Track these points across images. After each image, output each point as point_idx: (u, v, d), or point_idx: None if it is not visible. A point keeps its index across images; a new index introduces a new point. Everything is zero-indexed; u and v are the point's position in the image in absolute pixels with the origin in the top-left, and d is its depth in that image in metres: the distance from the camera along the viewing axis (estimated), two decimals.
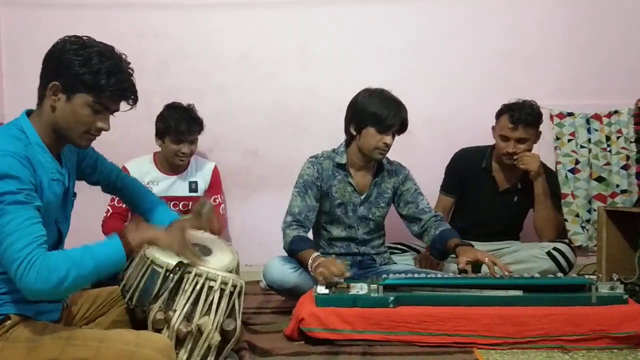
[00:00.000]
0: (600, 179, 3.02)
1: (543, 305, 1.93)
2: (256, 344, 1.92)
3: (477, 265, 2.57)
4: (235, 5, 3.10)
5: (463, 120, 3.05)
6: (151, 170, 2.72)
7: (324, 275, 2.01)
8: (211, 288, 1.57)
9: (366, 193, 2.43)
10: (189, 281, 1.57)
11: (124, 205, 2.58)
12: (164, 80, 3.00)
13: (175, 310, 1.53)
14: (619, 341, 1.86)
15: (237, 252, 1.83)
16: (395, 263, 2.56)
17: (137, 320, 1.66)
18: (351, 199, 2.41)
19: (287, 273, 2.23)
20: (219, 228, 2.73)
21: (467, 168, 2.77)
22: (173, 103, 2.71)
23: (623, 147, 2.98)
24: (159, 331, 1.53)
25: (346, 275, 2.03)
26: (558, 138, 3.05)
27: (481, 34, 3.08)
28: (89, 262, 1.34)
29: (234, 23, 3.11)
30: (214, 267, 1.62)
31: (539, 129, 2.63)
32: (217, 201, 2.82)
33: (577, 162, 3.02)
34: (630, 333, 1.85)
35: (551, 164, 2.91)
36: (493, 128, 2.70)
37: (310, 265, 2.14)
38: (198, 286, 1.56)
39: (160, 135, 2.68)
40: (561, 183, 2.97)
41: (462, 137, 2.90)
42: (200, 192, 2.78)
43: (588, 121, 3.05)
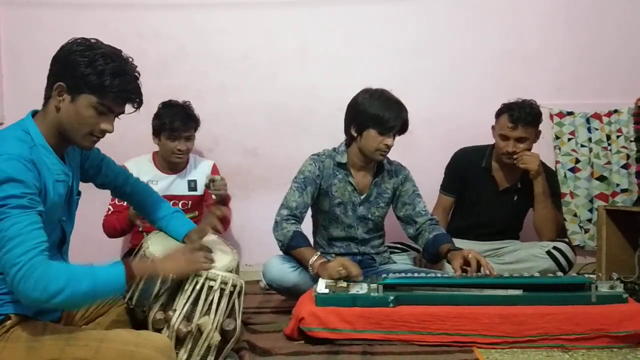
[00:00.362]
0: (601, 178, 3.01)
1: (543, 304, 1.93)
2: (256, 344, 1.92)
3: (477, 264, 2.58)
4: (235, 5, 3.10)
5: (463, 119, 3.05)
6: (150, 169, 2.71)
7: (341, 274, 2.03)
8: (211, 288, 1.57)
9: (366, 193, 2.43)
10: (189, 281, 1.57)
11: (126, 203, 2.58)
12: (164, 80, 3.00)
13: (175, 310, 1.54)
14: (619, 340, 1.86)
15: (237, 252, 1.84)
16: (395, 262, 2.56)
17: (137, 320, 1.67)
18: (351, 199, 2.41)
19: (287, 272, 2.23)
20: (226, 221, 2.74)
21: (467, 168, 2.77)
22: (169, 101, 2.70)
23: (623, 146, 2.97)
24: (159, 331, 1.53)
25: (360, 278, 2.07)
26: (558, 137, 3.05)
27: (481, 34, 3.08)
28: (88, 280, 1.33)
29: (234, 23, 3.11)
30: (214, 267, 1.62)
31: (539, 129, 2.64)
32: None
33: (577, 161, 3.02)
34: (630, 332, 1.85)
35: (551, 163, 2.90)
36: (493, 127, 2.70)
37: (312, 265, 2.14)
38: (198, 286, 1.57)
39: (156, 133, 2.67)
40: (560, 182, 2.97)
41: (462, 137, 2.91)
42: (199, 191, 2.76)
43: (588, 120, 3.04)
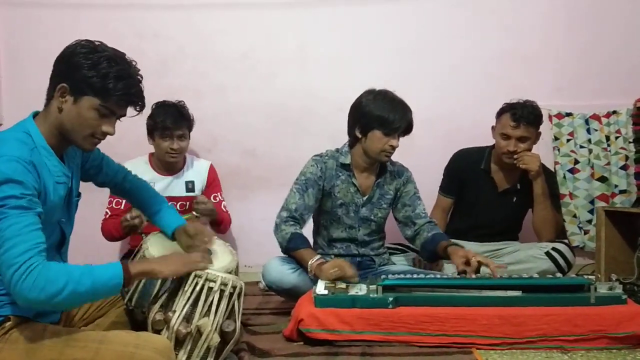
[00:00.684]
0: (602, 179, 2.99)
1: (542, 305, 1.94)
2: (255, 345, 1.92)
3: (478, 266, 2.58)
4: (235, 5, 3.10)
5: (462, 120, 3.05)
6: (147, 171, 2.69)
7: (337, 275, 2.03)
8: (211, 289, 1.57)
9: (369, 194, 2.42)
10: (189, 282, 1.57)
11: (123, 207, 2.58)
12: (164, 80, 2.99)
13: (174, 311, 1.54)
14: (618, 341, 1.87)
15: (237, 253, 1.84)
16: (394, 263, 2.56)
17: (137, 321, 1.67)
18: (353, 200, 2.41)
19: (286, 273, 2.23)
20: (224, 224, 2.75)
21: (466, 169, 2.77)
22: (163, 101, 2.67)
23: (622, 147, 2.96)
24: (159, 332, 1.53)
25: (356, 279, 2.06)
26: (557, 138, 3.04)
27: (480, 34, 3.08)
28: (87, 281, 1.33)
29: (234, 23, 3.11)
30: (214, 269, 1.63)
31: (539, 130, 2.64)
32: (217, 199, 2.79)
33: (577, 162, 3.01)
34: (629, 333, 1.86)
35: (549, 165, 2.90)
36: (493, 128, 2.70)
37: (310, 266, 2.14)
38: (198, 287, 1.57)
39: (150, 133, 2.66)
40: (559, 183, 2.97)
41: (462, 138, 2.91)
42: (197, 192, 2.74)
43: (587, 121, 3.04)
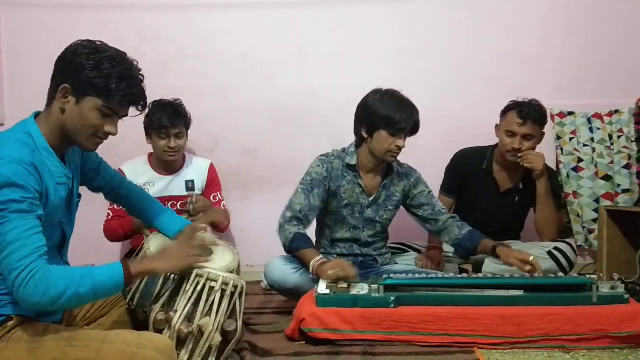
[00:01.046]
0: (607, 178, 2.98)
1: (544, 305, 1.93)
2: (257, 345, 1.92)
3: (478, 264, 2.59)
4: (235, 5, 3.10)
5: (463, 120, 3.04)
6: (146, 171, 2.69)
7: (339, 275, 2.02)
8: (212, 289, 1.57)
9: (374, 195, 2.41)
10: (190, 282, 1.57)
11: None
12: (164, 80, 2.99)
13: (176, 310, 1.54)
14: (620, 341, 1.86)
15: (238, 253, 1.84)
16: (396, 263, 2.56)
17: (139, 321, 1.67)
18: (359, 201, 2.40)
19: (289, 273, 2.23)
20: (225, 223, 2.74)
21: (468, 169, 2.76)
22: (159, 100, 2.65)
23: (625, 147, 2.96)
24: (160, 332, 1.53)
25: (357, 279, 2.06)
26: (559, 137, 3.03)
27: (481, 34, 3.08)
28: (88, 283, 1.34)
29: (234, 23, 3.10)
30: (215, 268, 1.62)
31: (543, 131, 2.63)
32: (217, 198, 2.78)
33: (580, 161, 2.99)
34: (631, 333, 1.85)
35: (552, 164, 2.90)
36: (497, 126, 2.69)
37: (312, 266, 2.13)
38: (199, 287, 1.56)
39: (147, 132, 2.65)
40: (563, 182, 2.97)
41: (462, 137, 2.90)
42: (197, 191, 2.73)
43: (589, 120, 3.03)
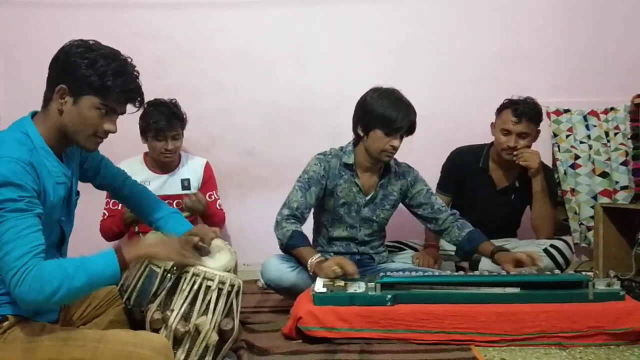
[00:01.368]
0: (604, 175, 2.97)
1: (540, 302, 1.94)
2: (254, 343, 1.92)
3: (475, 262, 2.59)
4: (232, 4, 3.09)
5: (459, 118, 3.04)
6: (142, 170, 2.68)
7: (337, 273, 2.03)
8: (209, 288, 1.57)
9: (371, 194, 2.41)
10: (187, 281, 1.57)
11: (120, 207, 2.56)
12: (161, 79, 2.98)
13: (172, 310, 1.54)
14: (616, 337, 1.87)
15: (235, 252, 1.84)
16: (393, 261, 2.57)
17: (135, 320, 1.67)
18: (356, 199, 2.40)
19: (285, 272, 2.23)
20: (218, 224, 2.74)
21: (464, 167, 2.76)
22: (154, 100, 2.62)
23: (621, 144, 2.95)
24: (157, 331, 1.53)
25: (357, 276, 2.07)
26: (556, 134, 3.03)
27: (476, 32, 3.08)
28: (82, 276, 1.34)
29: (232, 22, 3.10)
30: (212, 267, 1.62)
31: (539, 128, 2.63)
32: (213, 197, 2.78)
33: (577, 157, 2.99)
34: (627, 329, 1.86)
35: (548, 162, 2.90)
36: (492, 125, 2.69)
37: (310, 264, 2.14)
38: (196, 286, 1.56)
39: (143, 133, 2.63)
40: (560, 180, 2.97)
41: (458, 135, 2.90)
42: (193, 190, 2.73)
43: (585, 118, 3.03)
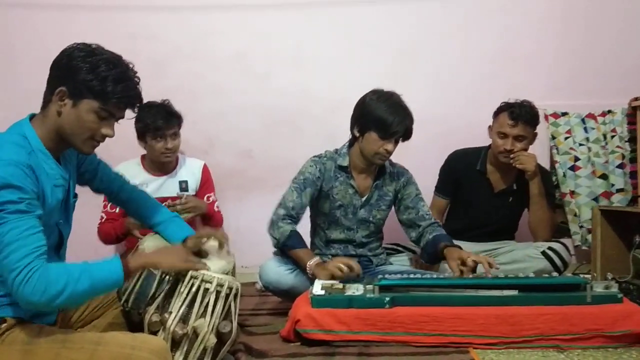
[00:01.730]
0: (604, 177, 2.98)
1: (538, 304, 1.94)
2: (252, 346, 1.92)
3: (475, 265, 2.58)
4: (230, 6, 3.10)
5: (457, 120, 3.05)
6: (139, 173, 2.68)
7: (342, 270, 2.04)
8: (207, 290, 1.57)
9: (367, 195, 2.41)
10: (185, 283, 1.57)
11: (118, 210, 2.56)
12: (159, 81, 2.97)
13: (171, 312, 1.54)
14: (614, 340, 1.87)
15: (233, 254, 1.83)
16: (391, 264, 2.57)
17: (133, 322, 1.66)
18: (352, 201, 2.40)
19: (284, 274, 2.24)
20: (215, 226, 2.73)
21: (461, 170, 2.77)
22: (147, 102, 2.62)
23: (618, 146, 2.96)
24: (155, 333, 1.53)
25: (361, 275, 2.08)
26: (554, 137, 3.04)
27: (475, 35, 3.09)
28: (86, 280, 1.34)
29: (229, 24, 3.11)
30: (210, 270, 1.62)
31: (536, 131, 2.64)
32: (211, 199, 2.78)
33: (577, 159, 2.99)
34: (625, 332, 1.86)
35: (545, 164, 2.91)
36: (489, 127, 2.69)
37: (309, 266, 2.14)
38: (194, 288, 1.56)
39: (140, 136, 2.63)
40: (560, 182, 2.98)
41: (456, 138, 2.91)
42: (191, 191, 2.73)
43: (583, 120, 3.04)
